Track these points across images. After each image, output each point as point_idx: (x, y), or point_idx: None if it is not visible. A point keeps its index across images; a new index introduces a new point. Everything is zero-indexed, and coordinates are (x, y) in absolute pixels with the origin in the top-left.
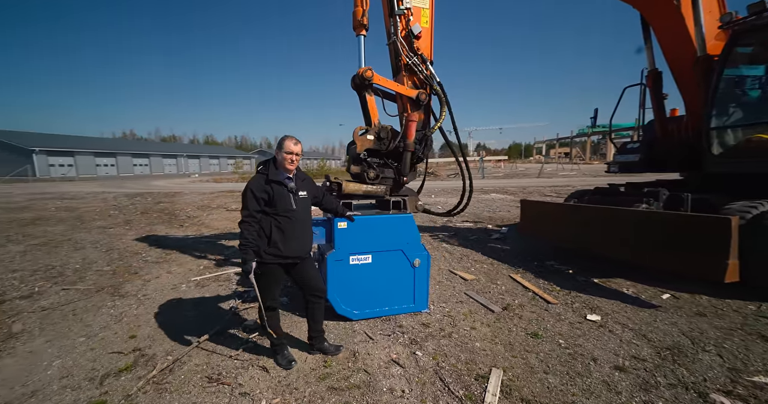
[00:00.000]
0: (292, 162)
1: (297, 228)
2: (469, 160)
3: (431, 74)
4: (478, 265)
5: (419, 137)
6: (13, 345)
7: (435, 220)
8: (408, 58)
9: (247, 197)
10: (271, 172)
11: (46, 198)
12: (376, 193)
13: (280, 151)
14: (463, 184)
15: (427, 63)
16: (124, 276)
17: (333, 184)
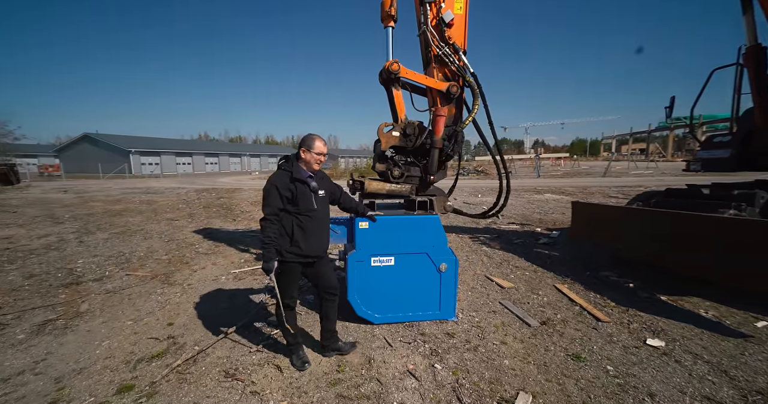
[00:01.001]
0: (320, 162)
1: (317, 227)
2: (523, 158)
3: (464, 65)
4: (519, 272)
5: (449, 133)
6: (77, 323)
7: (477, 222)
8: (438, 49)
9: (271, 194)
10: (295, 170)
11: (134, 192)
12: (400, 193)
13: (310, 151)
14: (500, 184)
15: (460, 53)
16: (177, 266)
17: (356, 182)
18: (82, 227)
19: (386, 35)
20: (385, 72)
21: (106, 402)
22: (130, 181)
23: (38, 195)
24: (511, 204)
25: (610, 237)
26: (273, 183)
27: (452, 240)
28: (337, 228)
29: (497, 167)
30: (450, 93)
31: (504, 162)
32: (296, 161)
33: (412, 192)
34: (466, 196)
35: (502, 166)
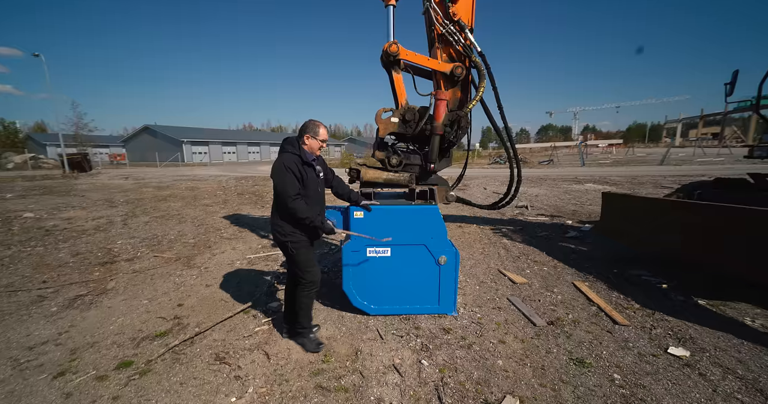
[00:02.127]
0: (321, 149)
1: (320, 208)
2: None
3: (470, 44)
4: (537, 267)
5: (452, 118)
6: (101, 300)
7: (503, 213)
8: (442, 27)
9: (288, 177)
10: (303, 154)
11: (182, 179)
12: (398, 182)
13: (315, 137)
14: (511, 173)
15: (466, 30)
16: (200, 249)
17: (352, 171)
18: (130, 211)
19: (387, 14)
20: (384, 54)
21: (105, 376)
22: (182, 169)
23: (104, 181)
24: (543, 194)
25: (644, 233)
26: (287, 166)
27: (471, 232)
28: (332, 217)
29: (507, 154)
30: (454, 75)
31: (515, 149)
32: (300, 146)
33: (412, 181)
34: (497, 185)
35: (513, 154)
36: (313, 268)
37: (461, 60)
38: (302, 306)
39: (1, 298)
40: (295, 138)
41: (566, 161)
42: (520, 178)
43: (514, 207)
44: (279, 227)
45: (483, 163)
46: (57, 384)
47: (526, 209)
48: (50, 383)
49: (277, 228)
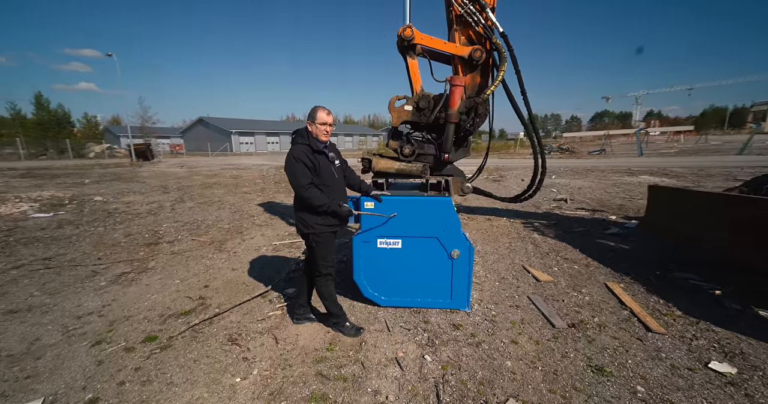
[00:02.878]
0: (327, 132)
1: (339, 196)
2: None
3: (492, 24)
4: (566, 265)
5: (469, 105)
6: (141, 277)
7: (538, 205)
8: (461, 7)
9: (299, 168)
10: (312, 143)
11: (229, 168)
12: (411, 172)
13: (314, 122)
14: (535, 163)
15: (487, 10)
16: (232, 235)
17: (364, 160)
18: (179, 197)
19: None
20: (399, 39)
21: (132, 347)
22: (229, 158)
23: (163, 169)
24: (587, 187)
25: (695, 230)
26: (297, 157)
27: (500, 225)
28: None
29: (531, 143)
30: (473, 58)
31: (539, 138)
32: (309, 135)
33: (425, 171)
34: None
35: (537, 143)
36: (330, 262)
37: (481, 42)
38: (326, 297)
39: (66, 271)
40: (304, 128)
41: (621, 151)
42: (545, 168)
43: (552, 200)
44: (301, 219)
45: (526, 153)
46: (93, 351)
47: (564, 202)
48: (88, 350)
49: (299, 221)
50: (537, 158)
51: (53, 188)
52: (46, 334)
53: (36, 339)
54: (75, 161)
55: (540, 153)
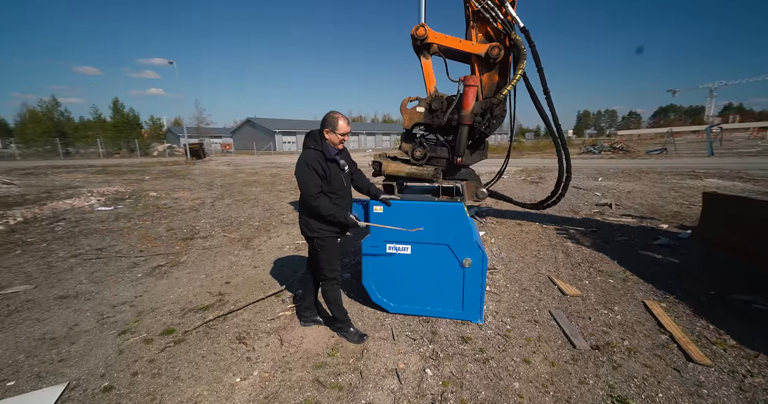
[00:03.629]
0: (344, 142)
1: (347, 202)
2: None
3: (511, 19)
4: (600, 278)
5: (484, 106)
6: (173, 271)
7: (578, 210)
8: (478, 2)
9: (310, 176)
10: (325, 150)
11: (270, 166)
12: (422, 176)
13: (334, 131)
14: (560, 168)
15: (506, 4)
16: (260, 232)
17: (374, 163)
18: (221, 194)
19: None
20: (412, 38)
21: (151, 339)
22: (272, 157)
23: (212, 167)
24: (638, 191)
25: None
26: (309, 164)
27: (530, 231)
28: (355, 211)
29: (555, 145)
30: (490, 56)
31: (563, 139)
32: (323, 140)
33: (437, 175)
34: (581, 178)
35: (561, 145)
36: (336, 266)
37: (500, 39)
38: (331, 301)
39: (112, 262)
40: (318, 132)
41: (687, 150)
42: (570, 173)
43: (594, 204)
44: (306, 223)
45: (572, 153)
46: (118, 340)
47: (608, 208)
48: (114, 339)
49: (304, 224)
50: (561, 161)
51: (119, 184)
52: (84, 320)
53: (75, 324)
54: (141, 159)
55: (565, 156)
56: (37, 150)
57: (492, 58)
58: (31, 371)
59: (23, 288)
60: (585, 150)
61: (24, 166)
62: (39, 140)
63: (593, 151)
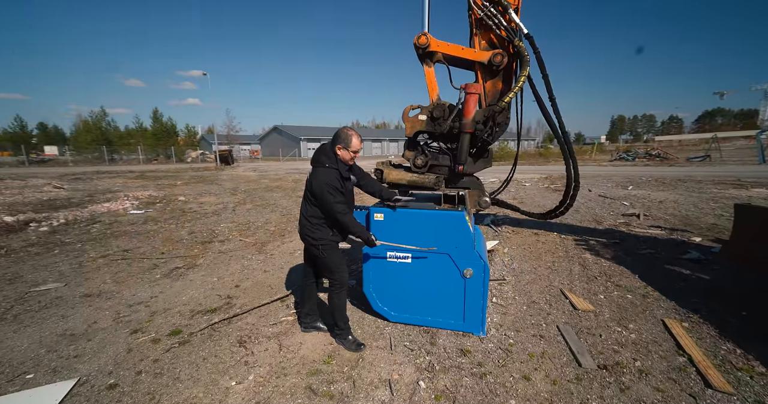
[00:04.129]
0: (353, 159)
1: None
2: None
3: (515, 26)
4: (617, 293)
5: (486, 114)
6: (189, 273)
7: (601, 220)
8: (481, 10)
9: (331, 194)
10: (341, 168)
11: (293, 172)
12: (423, 184)
13: (347, 148)
14: (567, 176)
15: (510, 11)
16: (275, 237)
17: (376, 171)
18: (243, 199)
19: (422, 4)
20: (414, 47)
21: (158, 339)
22: (297, 163)
23: (239, 172)
24: (672, 200)
25: None
26: (331, 185)
27: (547, 241)
28: None
29: (563, 153)
30: (493, 64)
31: (570, 147)
32: (336, 157)
33: (438, 183)
34: (610, 186)
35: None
36: (343, 268)
37: (504, 46)
38: (336, 307)
39: (135, 263)
40: (330, 148)
41: (735, 157)
42: (578, 182)
43: (620, 214)
44: (309, 231)
45: (603, 160)
46: (129, 339)
47: (636, 218)
48: (126, 338)
49: (307, 232)
50: (569, 170)
51: (153, 188)
52: (102, 318)
53: (94, 322)
54: (176, 165)
55: (573, 165)
56: (86, 157)
57: (495, 65)
58: (49, 365)
59: (55, 285)
60: (617, 157)
61: (74, 171)
62: (88, 148)
63: (626, 158)
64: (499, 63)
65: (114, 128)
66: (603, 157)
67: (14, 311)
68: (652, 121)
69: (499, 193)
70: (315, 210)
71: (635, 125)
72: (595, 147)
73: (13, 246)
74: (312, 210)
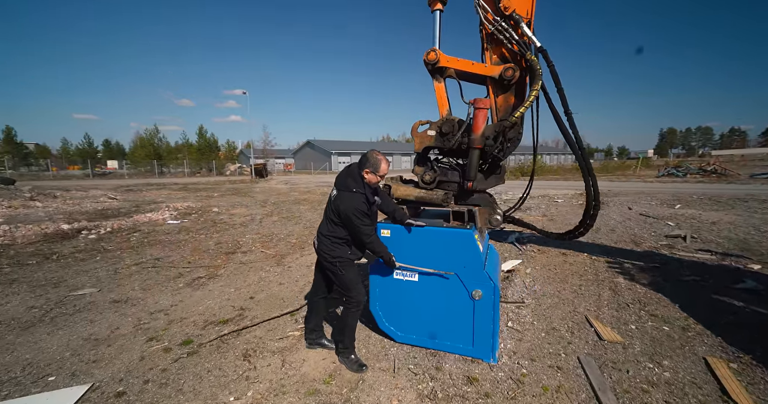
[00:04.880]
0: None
1: None
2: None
3: (527, 40)
4: (652, 324)
5: (497, 129)
6: (209, 283)
7: (640, 241)
8: (491, 24)
9: (360, 218)
10: (368, 194)
11: (323, 185)
12: (431, 200)
13: (375, 173)
14: (587, 195)
15: (522, 24)
16: (295, 249)
17: (384, 187)
18: (270, 211)
19: (433, 20)
20: (424, 63)
21: (170, 348)
22: (327, 176)
23: (272, 185)
24: (726, 222)
25: None
26: (360, 210)
27: (576, 262)
28: None
29: (581, 169)
30: (503, 78)
31: (589, 164)
32: (363, 181)
33: (446, 200)
34: (653, 204)
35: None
36: (359, 287)
37: (516, 60)
38: (347, 324)
39: (163, 271)
40: (357, 172)
41: None
42: (598, 202)
43: (663, 235)
44: (328, 249)
45: (648, 175)
46: (144, 347)
47: (682, 240)
48: (141, 345)
49: (325, 249)
50: (589, 189)
51: (192, 200)
52: (124, 325)
53: (117, 328)
54: (216, 178)
55: (593, 184)
56: (140, 170)
57: (506, 79)
58: (70, 369)
59: (90, 291)
60: (665, 172)
61: (128, 183)
62: (142, 162)
63: (676, 174)
64: (511, 77)
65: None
66: (649, 172)
67: (52, 314)
68: (708, 133)
69: (515, 211)
70: (337, 230)
71: (688, 138)
72: (640, 161)
73: (64, 252)
74: (334, 229)
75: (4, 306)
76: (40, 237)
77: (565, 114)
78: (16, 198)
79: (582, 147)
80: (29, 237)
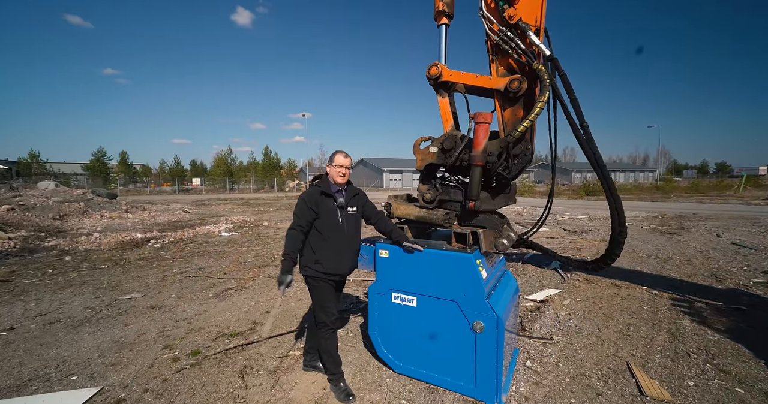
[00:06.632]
0: (343, 175)
1: (342, 244)
2: None
3: (535, 49)
4: (718, 382)
5: (501, 145)
6: (235, 295)
7: (722, 276)
8: (496, 35)
9: (299, 207)
10: (323, 185)
11: None
12: (431, 220)
13: (331, 165)
14: (612, 219)
15: (529, 32)
16: None
17: (385, 205)
18: None
19: (439, 34)
20: (427, 78)
21: (177, 358)
22: (377, 194)
23: None
24: None
25: None
26: (303, 197)
27: (631, 296)
28: (366, 254)
29: (605, 191)
30: (510, 90)
31: (611, 183)
32: (326, 176)
33: (448, 220)
34: (753, 232)
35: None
36: (328, 309)
37: (524, 71)
38: (323, 349)
39: (200, 281)
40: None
41: None
42: (624, 227)
43: (760, 271)
44: (302, 255)
45: (755, 197)
46: (158, 354)
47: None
48: (156, 352)
49: (301, 255)
50: (613, 211)
51: (249, 214)
52: (150, 330)
53: (143, 333)
54: (276, 194)
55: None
56: (214, 186)
57: (512, 91)
58: (92, 370)
59: (136, 295)
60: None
61: (202, 198)
62: (217, 179)
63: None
64: (517, 89)
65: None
66: (758, 193)
67: (100, 315)
68: None
69: (532, 234)
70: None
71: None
72: (743, 180)
73: (130, 259)
74: None
75: (69, 305)
76: (117, 245)
77: (581, 126)
78: (115, 210)
79: (602, 163)
80: (110, 244)
